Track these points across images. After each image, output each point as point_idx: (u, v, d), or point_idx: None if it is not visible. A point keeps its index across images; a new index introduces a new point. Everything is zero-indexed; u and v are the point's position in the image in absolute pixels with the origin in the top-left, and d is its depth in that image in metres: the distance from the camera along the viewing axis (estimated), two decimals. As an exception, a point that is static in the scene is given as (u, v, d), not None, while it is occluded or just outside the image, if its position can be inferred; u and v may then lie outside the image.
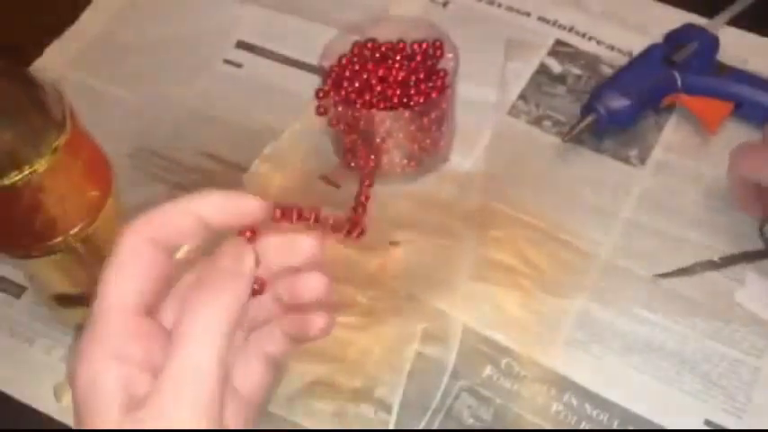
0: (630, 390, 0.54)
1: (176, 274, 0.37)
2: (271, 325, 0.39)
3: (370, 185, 0.53)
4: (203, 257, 0.37)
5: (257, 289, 0.36)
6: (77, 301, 0.55)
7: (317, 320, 0.38)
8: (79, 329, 0.57)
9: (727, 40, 0.67)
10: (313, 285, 0.38)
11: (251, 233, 0.37)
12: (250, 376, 0.38)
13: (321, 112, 0.60)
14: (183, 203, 0.36)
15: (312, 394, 0.54)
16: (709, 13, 0.71)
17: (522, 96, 0.69)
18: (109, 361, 0.33)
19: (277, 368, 0.39)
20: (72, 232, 0.48)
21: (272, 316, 0.39)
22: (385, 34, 0.63)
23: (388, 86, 0.60)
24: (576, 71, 0.70)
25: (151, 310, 0.35)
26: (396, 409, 0.53)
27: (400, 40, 0.63)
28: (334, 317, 0.39)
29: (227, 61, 0.72)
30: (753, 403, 0.53)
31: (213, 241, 0.37)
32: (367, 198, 0.52)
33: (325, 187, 0.63)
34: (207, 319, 0.33)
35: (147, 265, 0.35)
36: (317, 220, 0.38)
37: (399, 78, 0.61)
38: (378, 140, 0.61)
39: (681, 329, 0.56)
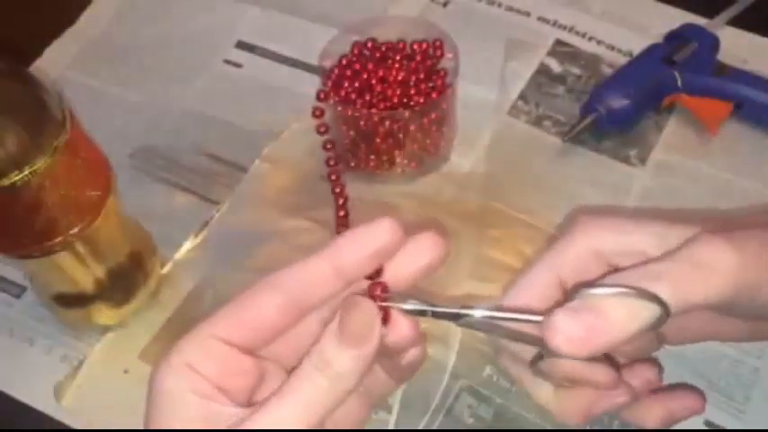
0: (630, 390, 0.54)
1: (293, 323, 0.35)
2: (374, 368, 0.37)
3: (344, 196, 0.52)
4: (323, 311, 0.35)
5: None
6: (77, 301, 0.55)
7: (411, 353, 0.36)
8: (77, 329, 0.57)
9: (727, 40, 0.67)
10: (404, 332, 0.35)
11: (375, 272, 0.34)
12: (349, 415, 0.37)
13: (317, 114, 0.60)
14: (317, 259, 0.34)
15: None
16: (710, 13, 0.71)
17: (522, 96, 0.69)
18: (183, 366, 0.33)
19: (374, 406, 0.38)
20: (72, 232, 0.48)
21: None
22: (385, 34, 0.63)
23: (388, 86, 0.60)
24: (576, 71, 0.70)
25: (252, 350, 0.34)
26: (396, 408, 0.53)
27: (400, 40, 0.63)
28: (424, 347, 0.36)
29: (227, 61, 0.72)
30: (752, 403, 0.53)
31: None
32: (346, 213, 0.50)
33: (326, 187, 0.63)
34: (317, 387, 0.32)
35: (270, 320, 0.34)
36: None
37: (399, 78, 0.61)
38: (378, 140, 0.61)
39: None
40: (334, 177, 0.55)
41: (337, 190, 0.54)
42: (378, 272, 0.35)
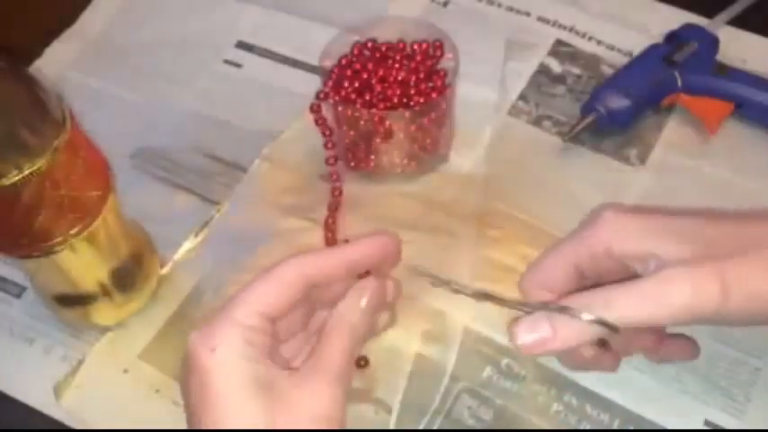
0: (630, 390, 0.54)
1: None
2: None
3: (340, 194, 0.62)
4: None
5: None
6: (77, 301, 0.55)
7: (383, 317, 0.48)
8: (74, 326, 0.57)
9: (727, 40, 0.67)
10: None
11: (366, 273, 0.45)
12: None
13: (315, 109, 0.60)
14: (339, 253, 0.44)
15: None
16: (710, 13, 0.71)
17: (523, 96, 0.69)
18: (232, 326, 0.40)
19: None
20: (72, 232, 0.48)
21: None
22: (385, 34, 0.63)
23: (388, 86, 0.60)
24: (576, 71, 0.70)
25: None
26: (396, 409, 0.53)
27: (400, 41, 0.63)
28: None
29: (227, 61, 0.72)
30: (752, 403, 0.53)
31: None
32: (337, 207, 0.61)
33: (325, 187, 0.63)
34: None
35: (289, 293, 0.42)
36: None
37: (399, 78, 0.61)
38: (378, 140, 0.61)
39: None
40: (334, 177, 0.58)
41: (336, 184, 0.58)
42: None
